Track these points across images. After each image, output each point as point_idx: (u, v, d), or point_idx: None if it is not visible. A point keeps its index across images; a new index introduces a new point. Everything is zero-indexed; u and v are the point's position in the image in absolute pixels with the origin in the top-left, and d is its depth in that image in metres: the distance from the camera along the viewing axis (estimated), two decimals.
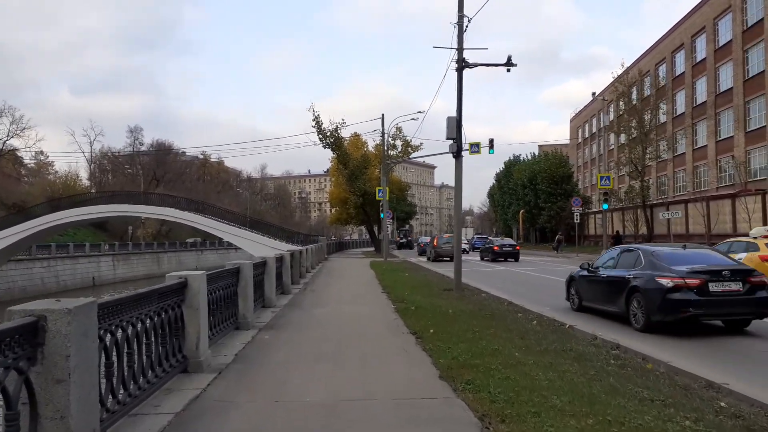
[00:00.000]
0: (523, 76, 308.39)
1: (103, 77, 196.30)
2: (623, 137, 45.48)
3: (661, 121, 45.00)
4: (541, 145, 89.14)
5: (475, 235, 73.45)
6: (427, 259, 38.64)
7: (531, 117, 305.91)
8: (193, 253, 72.11)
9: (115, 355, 4.36)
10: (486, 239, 49.80)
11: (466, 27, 16.93)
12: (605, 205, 35.70)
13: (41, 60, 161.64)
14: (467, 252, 44.68)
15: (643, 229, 43.64)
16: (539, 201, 60.99)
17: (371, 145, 54.22)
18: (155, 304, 5.37)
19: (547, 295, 15.53)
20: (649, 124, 41.47)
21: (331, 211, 73.01)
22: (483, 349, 7.28)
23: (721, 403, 5.14)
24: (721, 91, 41.87)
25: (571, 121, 78.44)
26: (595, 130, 66.63)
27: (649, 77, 47.66)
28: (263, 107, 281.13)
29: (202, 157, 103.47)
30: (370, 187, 45.86)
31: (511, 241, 39.24)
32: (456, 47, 16.99)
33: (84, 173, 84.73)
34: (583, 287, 12.38)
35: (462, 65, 16.85)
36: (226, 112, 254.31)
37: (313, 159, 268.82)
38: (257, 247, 41.08)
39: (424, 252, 44.70)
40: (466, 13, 16.71)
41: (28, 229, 46.12)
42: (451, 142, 16.87)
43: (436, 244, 38.09)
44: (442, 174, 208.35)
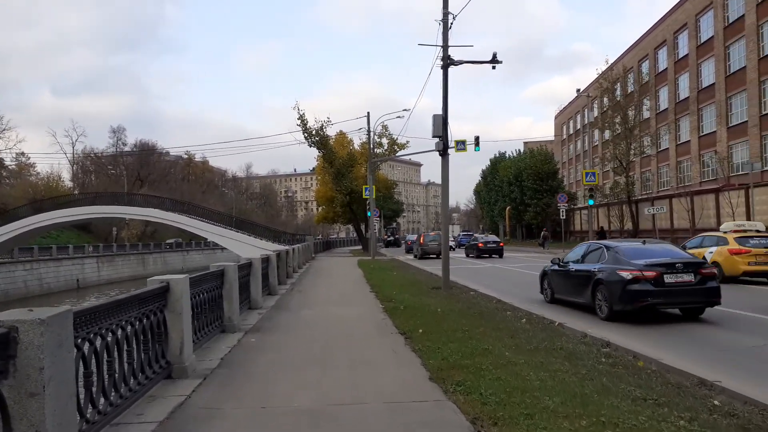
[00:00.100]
0: (507, 73, 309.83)
1: (85, 78, 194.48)
2: (608, 133, 45.74)
3: (645, 117, 45.29)
4: (526, 142, 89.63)
5: (461, 233, 73.53)
6: (414, 256, 38.85)
7: (516, 114, 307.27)
8: (179, 253, 71.33)
9: (94, 363, 4.22)
10: (471, 236, 49.84)
11: (451, 24, 16.87)
12: (591, 201, 35.83)
13: (21, 61, 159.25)
14: (453, 249, 44.73)
15: (629, 225, 43.94)
16: (525, 198, 61.19)
17: (357, 144, 54.09)
18: (136, 309, 5.21)
19: (534, 290, 15.49)
20: (633, 120, 41.73)
21: (317, 210, 72.71)
22: (473, 349, 7.20)
23: (715, 402, 5.08)
24: (703, 87, 42.21)
25: (556, 117, 78.80)
26: (579, 126, 66.98)
27: (632, 73, 47.95)
28: (248, 107, 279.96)
29: (186, 157, 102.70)
30: (356, 185, 45.66)
31: (495, 238, 39.63)
32: (441, 44, 16.92)
33: (67, 174, 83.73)
34: (555, 281, 13.12)
35: (447, 62, 16.77)
36: (211, 112, 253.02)
37: (299, 158, 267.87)
38: (243, 247, 40.81)
39: (411, 250, 44.87)
40: (450, 11, 16.68)
41: (10, 231, 45.47)
42: (437, 139, 16.79)
43: (422, 242, 38.32)
44: (429, 172, 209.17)
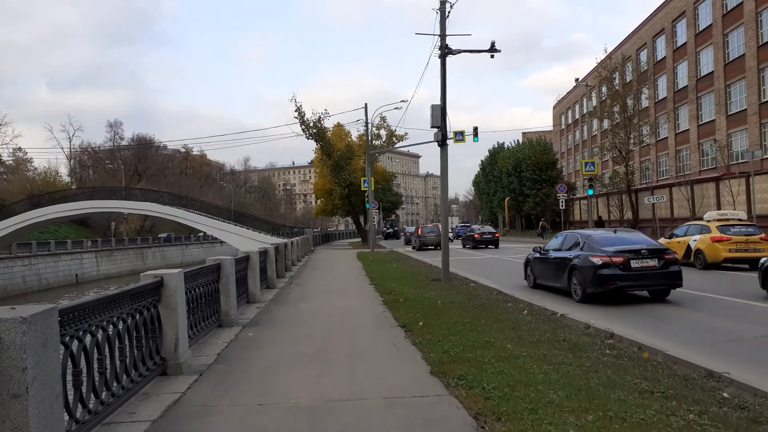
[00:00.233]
0: (505, 63, 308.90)
1: (81, 72, 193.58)
2: (606, 123, 45.50)
3: (644, 106, 45.05)
4: (524, 132, 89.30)
5: (459, 224, 73.48)
6: (413, 248, 39.04)
7: (514, 104, 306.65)
8: (178, 247, 71.12)
9: (84, 361, 4.08)
10: (469, 227, 49.82)
11: (449, 13, 16.68)
12: (590, 191, 35.65)
13: (17, 56, 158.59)
14: (452, 240, 44.66)
15: (629, 214, 43.79)
16: (524, 188, 60.97)
17: (355, 136, 53.79)
18: (128, 305, 5.07)
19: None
20: (632, 109, 41.49)
21: (316, 202, 72.48)
22: (474, 342, 7.07)
23: (724, 394, 4.94)
24: (702, 75, 41.95)
25: (554, 107, 78.46)
26: (578, 116, 66.71)
27: (631, 62, 47.65)
28: (245, 100, 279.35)
29: (184, 150, 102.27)
30: (354, 177, 45.43)
31: (491, 229, 40.17)
32: (439, 33, 16.72)
33: (64, 169, 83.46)
34: (537, 267, 14.15)
35: (445, 52, 16.57)
36: (208, 105, 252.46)
37: (297, 151, 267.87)
38: (242, 240, 40.67)
39: (410, 241, 44.97)
40: None
41: (8, 227, 45.31)
42: (435, 130, 16.61)
43: (420, 234, 38.71)
44: (427, 163, 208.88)
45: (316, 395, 5.20)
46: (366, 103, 41.76)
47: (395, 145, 53.08)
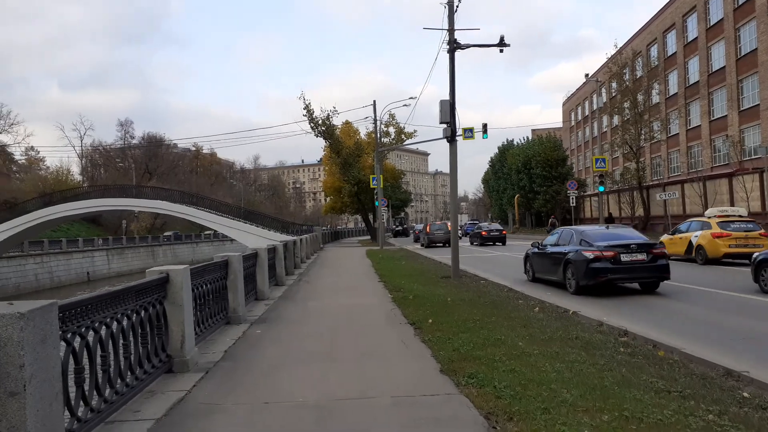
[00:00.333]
0: (512, 60, 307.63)
1: (91, 72, 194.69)
2: (617, 119, 45.08)
3: (654, 102, 44.59)
4: (534, 129, 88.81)
5: (468, 221, 73.27)
6: (421, 245, 39.27)
7: (521, 102, 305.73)
8: (189, 245, 71.39)
9: (87, 359, 4.00)
10: (476, 224, 49.74)
11: (457, 7, 16.56)
12: (601, 188, 35.32)
13: (28, 56, 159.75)
14: (461, 237, 44.66)
15: (640, 211, 43.39)
16: (534, 185, 60.56)
17: (363, 133, 53.68)
18: (133, 301, 4.98)
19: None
20: (643, 104, 41.07)
21: (325, 200, 72.44)
22: (485, 340, 6.94)
23: (744, 394, 4.79)
24: (713, 70, 41.45)
25: (564, 104, 77.94)
26: (588, 112, 66.25)
27: (641, 58, 47.18)
28: (254, 98, 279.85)
29: (194, 149, 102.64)
30: (363, 175, 45.31)
31: (498, 226, 40.40)
32: (447, 28, 16.57)
33: (76, 168, 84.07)
34: (535, 262, 14.82)
35: (454, 46, 16.42)
36: (218, 104, 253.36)
37: (306, 149, 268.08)
38: (251, 238, 40.62)
39: (418, 239, 45.14)
40: None
41: (20, 225, 45.51)
42: (444, 126, 16.47)
43: (429, 231, 38.96)
44: (436, 161, 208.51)
45: (323, 394, 5.10)
46: (374, 101, 41.66)
47: (404, 143, 52.90)
